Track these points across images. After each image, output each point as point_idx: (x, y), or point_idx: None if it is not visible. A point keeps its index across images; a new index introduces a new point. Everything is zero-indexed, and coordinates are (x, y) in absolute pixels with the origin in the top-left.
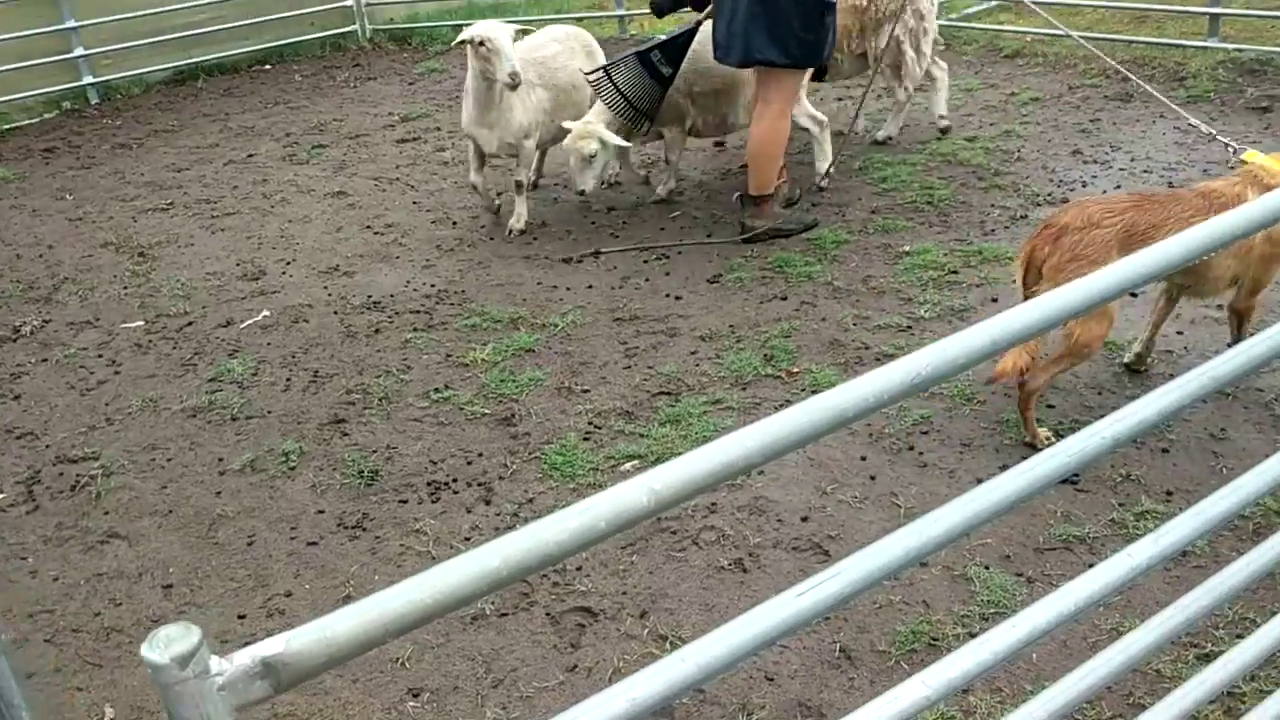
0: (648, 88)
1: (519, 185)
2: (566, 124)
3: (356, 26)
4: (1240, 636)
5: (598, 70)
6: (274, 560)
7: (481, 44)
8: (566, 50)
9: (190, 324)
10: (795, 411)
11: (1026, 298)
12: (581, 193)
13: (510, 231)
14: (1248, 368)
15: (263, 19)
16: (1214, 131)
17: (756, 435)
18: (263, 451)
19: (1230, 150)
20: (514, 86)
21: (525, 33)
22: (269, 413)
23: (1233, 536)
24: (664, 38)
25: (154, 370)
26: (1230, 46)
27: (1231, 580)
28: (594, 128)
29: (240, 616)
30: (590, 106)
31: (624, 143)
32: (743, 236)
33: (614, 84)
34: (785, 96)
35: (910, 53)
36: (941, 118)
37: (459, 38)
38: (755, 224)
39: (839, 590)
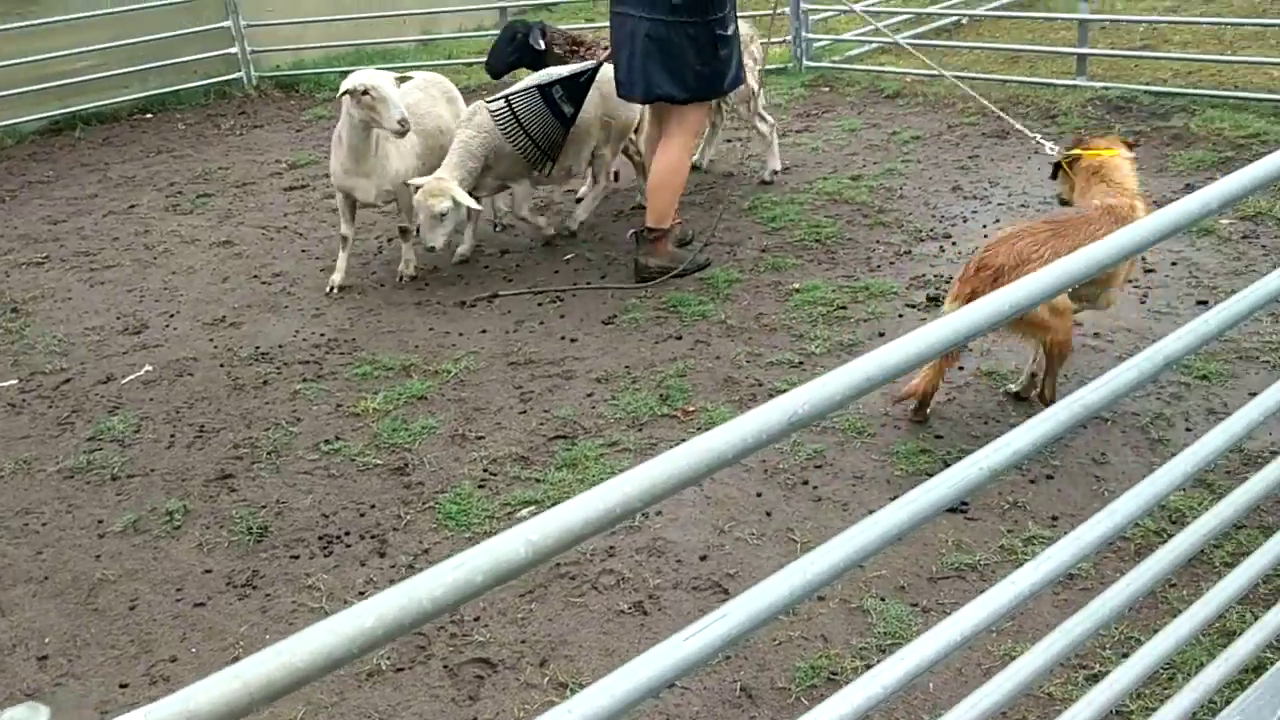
0: (549, 125)
1: (404, 231)
2: (415, 181)
3: (241, 74)
4: (1125, 655)
5: (499, 99)
6: (158, 624)
7: (366, 93)
8: (429, 97)
9: (68, 381)
10: (674, 455)
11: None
12: (430, 249)
13: (400, 278)
14: (1118, 394)
15: (143, 66)
16: (1040, 138)
17: (635, 480)
18: (145, 511)
19: (1054, 151)
20: (403, 133)
21: (404, 80)
22: (152, 471)
23: (1116, 558)
24: (565, 73)
25: (28, 430)
26: (1097, 85)
27: (1113, 602)
28: (446, 184)
29: (122, 685)
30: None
31: (475, 204)
32: (639, 278)
33: (516, 117)
34: (687, 130)
35: (755, 86)
36: (774, 172)
37: (342, 87)
38: (650, 263)
39: (726, 632)
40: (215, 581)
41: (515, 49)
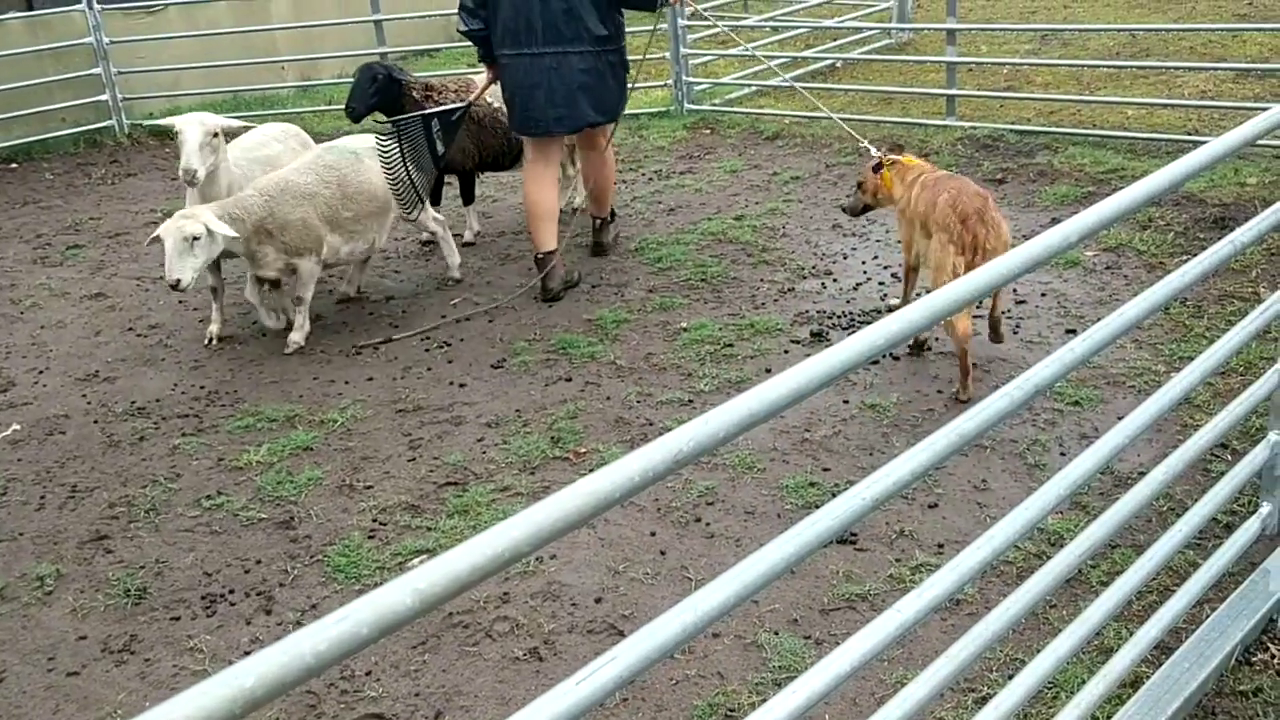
0: (426, 160)
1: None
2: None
3: (113, 121)
4: (1011, 677)
5: (391, 123)
6: (29, 696)
7: (177, 135)
8: (288, 149)
9: None
10: (561, 497)
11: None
12: (175, 284)
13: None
14: (991, 422)
15: (7, 115)
16: (868, 144)
17: (522, 525)
18: (14, 578)
19: (880, 154)
20: (190, 184)
21: (247, 129)
22: (20, 535)
23: (1000, 582)
24: (438, 109)
25: None
26: (966, 125)
27: (995, 625)
28: (200, 211)
29: None
30: None
31: (231, 231)
32: (546, 297)
33: (401, 149)
34: (604, 139)
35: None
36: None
37: (164, 124)
38: (551, 284)
39: (618, 674)
40: (90, 648)
41: (376, 90)
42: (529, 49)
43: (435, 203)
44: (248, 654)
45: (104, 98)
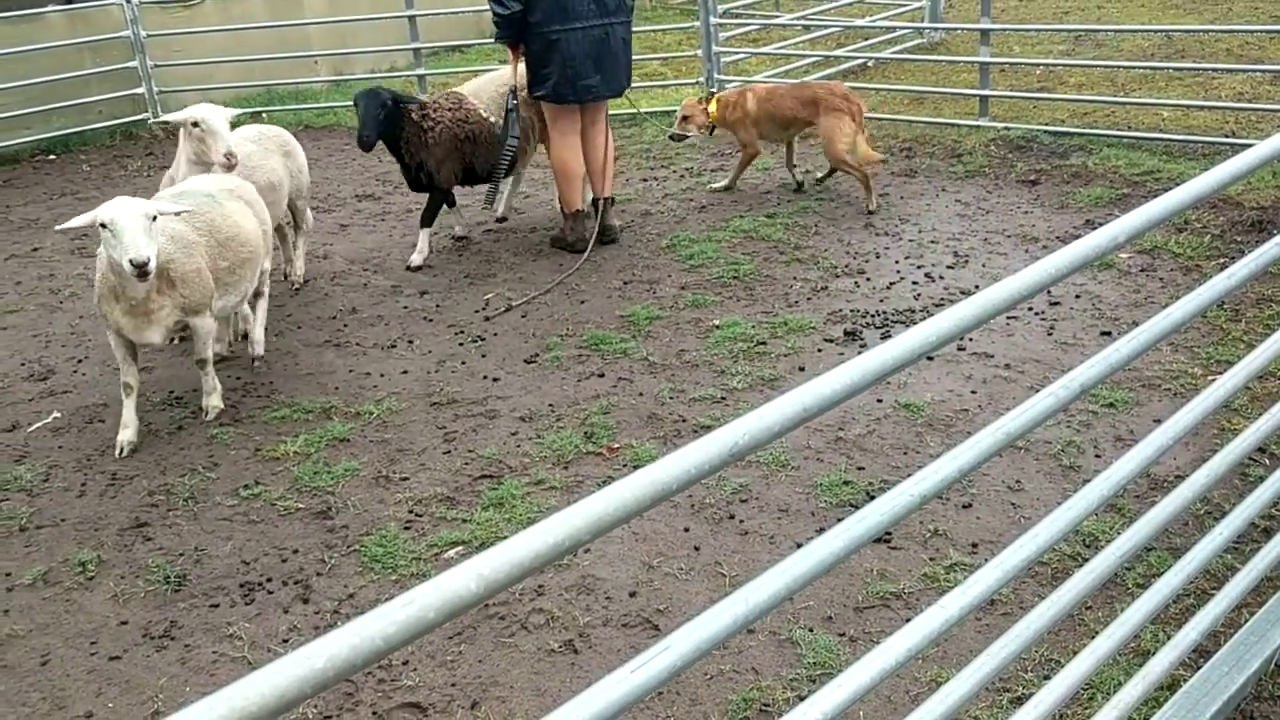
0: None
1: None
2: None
3: (149, 114)
4: (1047, 677)
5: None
6: (72, 680)
7: (196, 125)
8: (262, 150)
9: None
10: (619, 487)
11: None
12: (145, 265)
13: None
14: (1037, 420)
15: (46, 107)
16: (640, 110)
17: (582, 513)
18: (56, 563)
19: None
20: (230, 167)
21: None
22: (63, 521)
23: (1034, 582)
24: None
25: None
26: (999, 125)
27: (1036, 624)
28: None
29: None
30: (280, 206)
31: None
32: (605, 239)
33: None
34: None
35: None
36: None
37: (178, 119)
38: (587, 236)
39: (671, 663)
40: (131, 633)
41: (385, 116)
42: (582, 22)
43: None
44: (285, 642)
45: (140, 91)
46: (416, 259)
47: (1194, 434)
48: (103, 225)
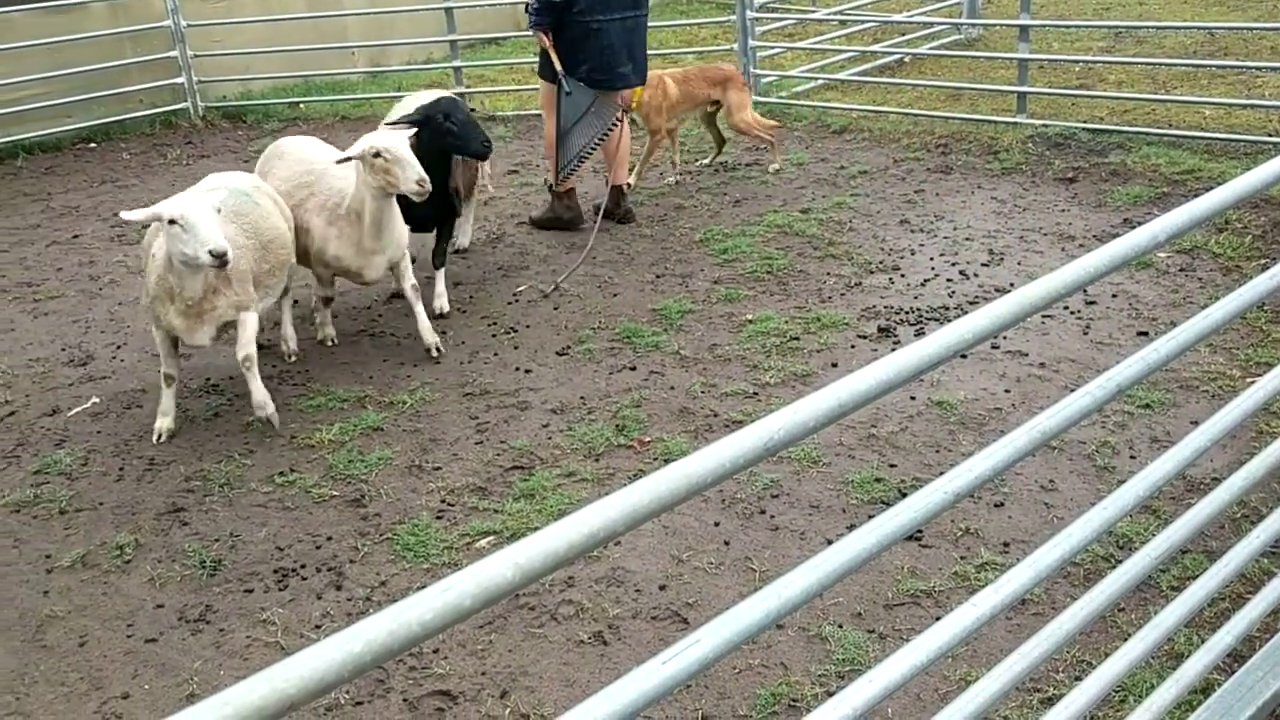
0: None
1: (415, 289)
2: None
3: (188, 104)
4: (1078, 678)
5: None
6: (109, 661)
7: (378, 155)
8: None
9: (12, 414)
10: (654, 479)
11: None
12: (224, 256)
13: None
14: (1073, 419)
15: (87, 96)
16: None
17: (617, 504)
18: (95, 546)
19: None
20: (422, 196)
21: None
22: (101, 504)
23: (1066, 583)
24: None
25: None
26: (1037, 122)
27: (1069, 624)
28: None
29: None
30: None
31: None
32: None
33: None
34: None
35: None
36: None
37: (356, 153)
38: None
39: (702, 655)
40: (167, 617)
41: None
42: (619, 13)
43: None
44: (318, 628)
45: (180, 80)
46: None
47: (1232, 436)
48: (171, 221)
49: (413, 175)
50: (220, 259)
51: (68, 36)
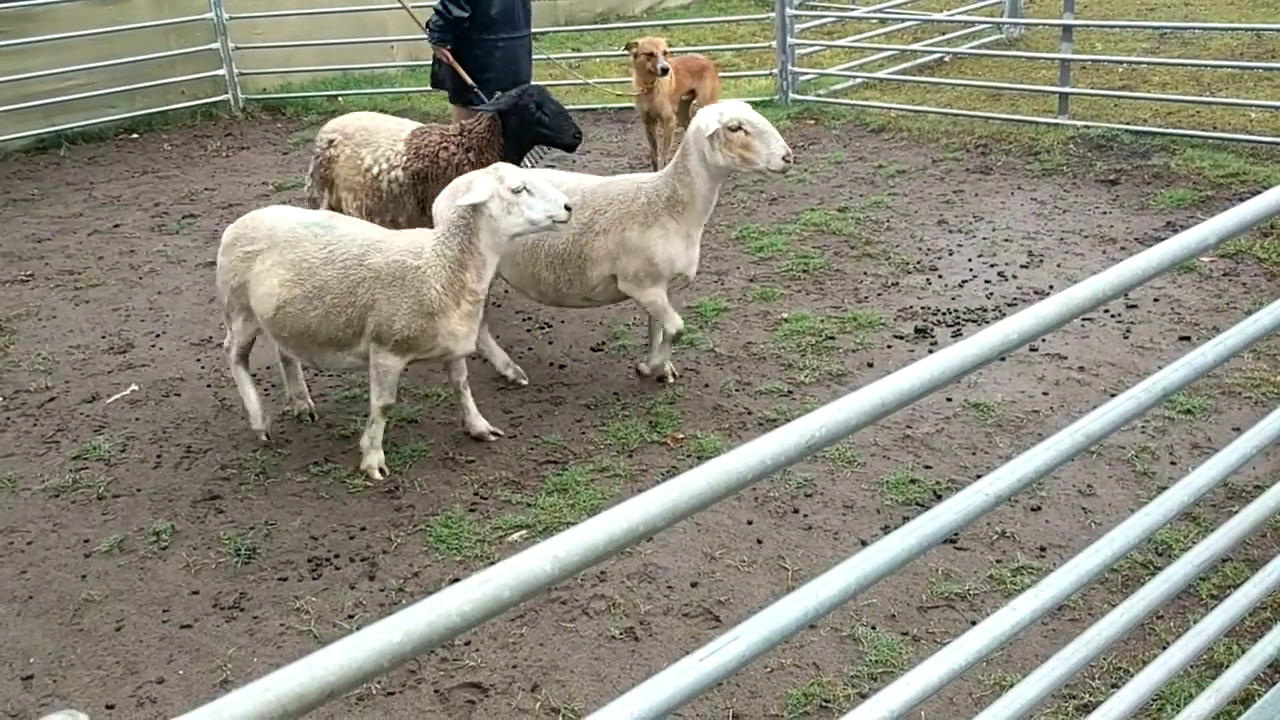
0: None
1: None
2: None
3: (229, 95)
4: (1115, 686)
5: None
6: (145, 645)
7: (739, 128)
8: None
9: (52, 399)
10: (695, 476)
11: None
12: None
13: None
14: (1118, 424)
15: (130, 87)
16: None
17: (657, 500)
18: (132, 531)
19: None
20: (786, 170)
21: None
22: (138, 491)
23: (1103, 589)
24: None
25: (12, 449)
26: (1079, 124)
27: (1108, 631)
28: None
29: (109, 706)
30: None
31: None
32: None
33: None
34: None
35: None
36: None
37: (705, 128)
38: None
39: (740, 653)
40: (202, 603)
41: None
42: (517, 33)
43: None
44: (351, 617)
45: (221, 72)
46: None
47: (1275, 444)
48: (516, 190)
49: (778, 149)
50: (570, 209)
51: (112, 28)
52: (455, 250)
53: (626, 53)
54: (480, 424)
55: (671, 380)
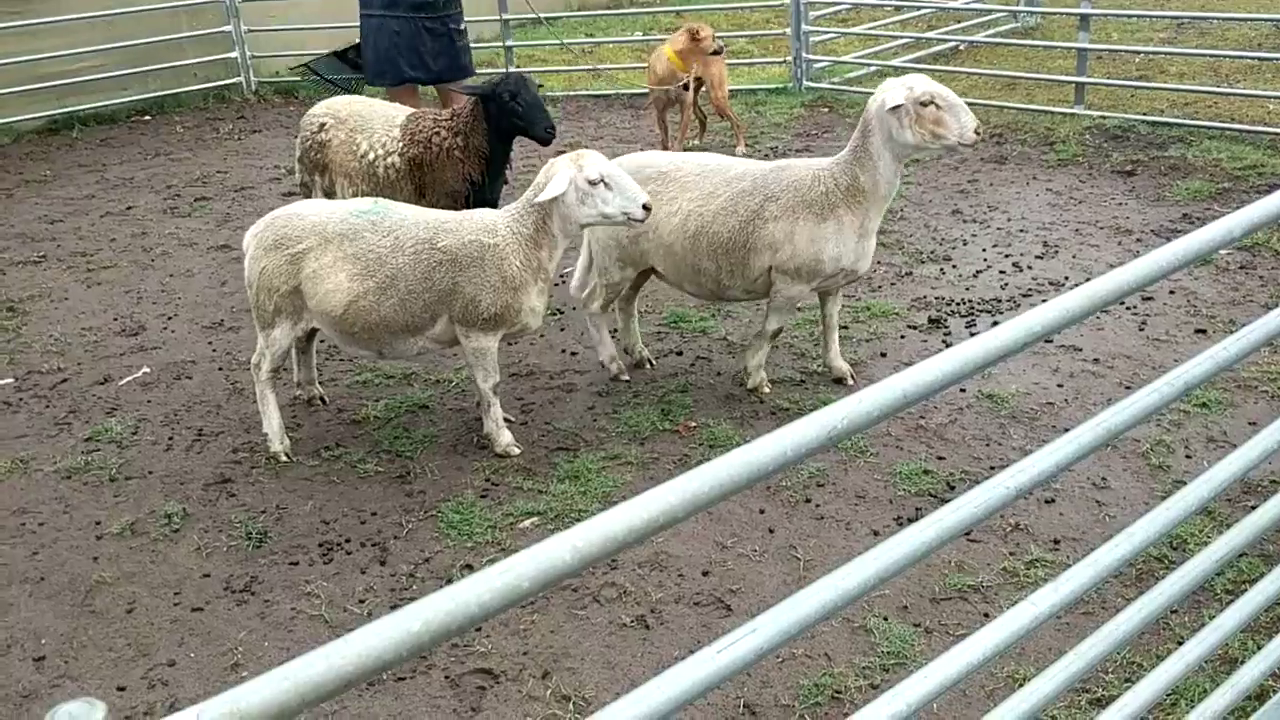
0: None
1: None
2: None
3: (241, 79)
4: (1129, 680)
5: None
6: (156, 628)
7: (930, 102)
8: None
9: (64, 381)
10: (715, 466)
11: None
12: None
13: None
14: (1139, 417)
15: (143, 69)
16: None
17: (678, 490)
18: (144, 514)
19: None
20: (976, 144)
21: None
22: (150, 473)
23: (1118, 583)
24: None
25: (25, 430)
26: (1095, 114)
27: (1125, 626)
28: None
29: (120, 689)
30: None
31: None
32: None
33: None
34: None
35: None
36: None
37: (889, 102)
38: None
39: (758, 645)
40: (214, 586)
41: None
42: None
43: None
44: (362, 602)
45: (233, 55)
46: None
47: None
48: (593, 182)
49: (969, 122)
50: (649, 209)
51: (125, 9)
52: (530, 229)
53: (646, 37)
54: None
55: (766, 390)
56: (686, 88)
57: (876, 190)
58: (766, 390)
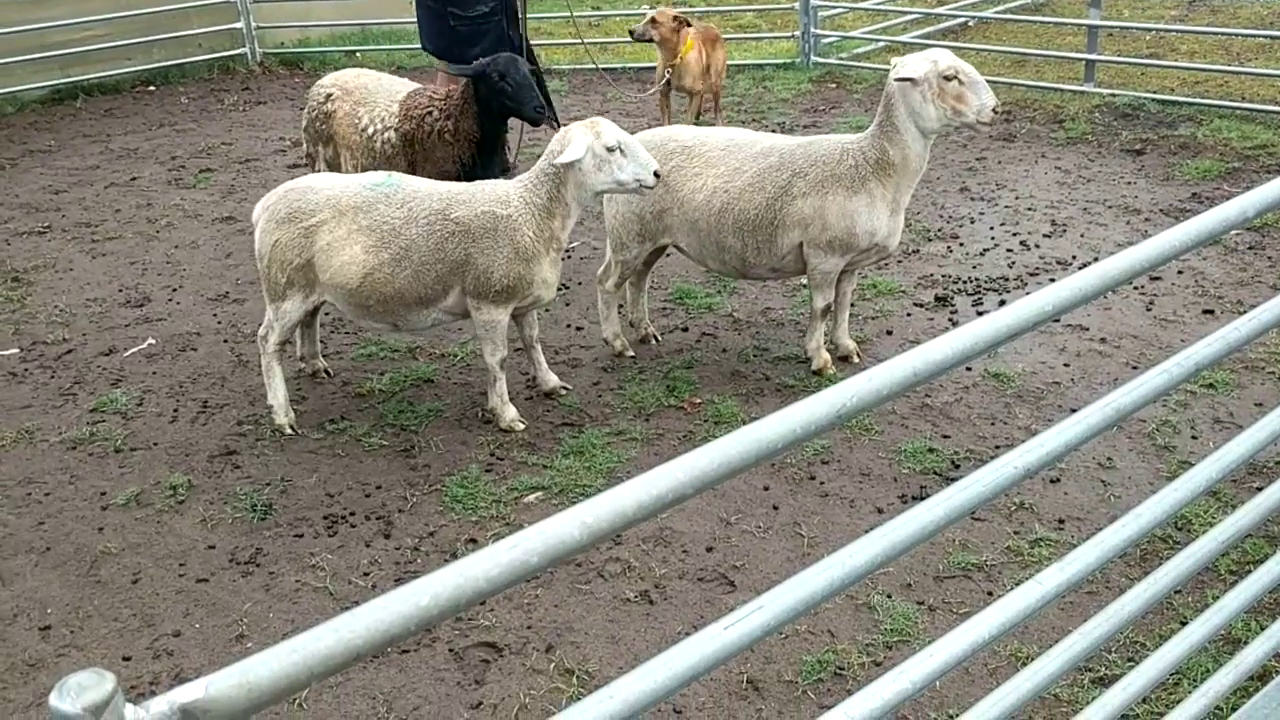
0: None
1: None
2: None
3: (246, 49)
4: (1132, 660)
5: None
6: (161, 599)
7: (953, 76)
8: None
9: (69, 352)
10: (724, 444)
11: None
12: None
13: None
14: (1148, 398)
15: (147, 39)
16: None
17: (686, 467)
18: (149, 485)
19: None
20: (994, 124)
21: None
22: (155, 444)
23: (1121, 563)
24: None
25: (30, 400)
26: (1105, 91)
27: (1130, 606)
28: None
29: (125, 658)
30: None
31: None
32: None
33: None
34: None
35: None
36: None
37: (919, 73)
38: None
39: (765, 622)
40: (219, 558)
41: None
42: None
43: None
44: (366, 575)
45: (239, 26)
46: None
47: None
48: (610, 149)
49: (989, 100)
50: (659, 176)
51: None
52: (544, 199)
53: (630, 38)
54: (551, 379)
55: (831, 370)
56: (669, 84)
57: (907, 165)
58: (831, 371)
